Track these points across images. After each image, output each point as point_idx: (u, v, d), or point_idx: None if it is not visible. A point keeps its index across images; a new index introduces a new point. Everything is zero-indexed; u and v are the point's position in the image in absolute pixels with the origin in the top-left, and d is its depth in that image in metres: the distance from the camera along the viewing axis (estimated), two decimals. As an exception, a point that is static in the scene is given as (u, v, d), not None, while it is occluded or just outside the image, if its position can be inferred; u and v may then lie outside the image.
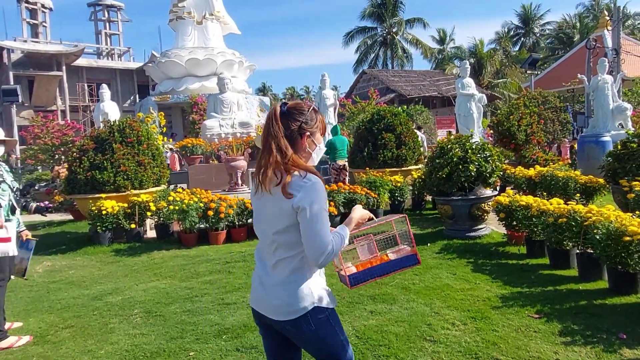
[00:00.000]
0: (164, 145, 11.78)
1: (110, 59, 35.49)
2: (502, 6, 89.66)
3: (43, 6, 31.16)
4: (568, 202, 4.82)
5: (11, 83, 22.16)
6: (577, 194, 6.75)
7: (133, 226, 6.97)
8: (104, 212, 6.76)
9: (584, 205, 4.70)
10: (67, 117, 24.45)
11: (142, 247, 6.69)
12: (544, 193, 6.69)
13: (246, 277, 4.96)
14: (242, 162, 10.68)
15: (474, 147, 6.32)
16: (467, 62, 12.16)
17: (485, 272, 4.75)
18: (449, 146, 6.47)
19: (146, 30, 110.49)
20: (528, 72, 18.66)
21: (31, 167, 13.48)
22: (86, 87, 28.53)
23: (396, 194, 8.32)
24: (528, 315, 3.62)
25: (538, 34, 42.56)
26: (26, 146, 13.92)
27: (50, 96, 26.62)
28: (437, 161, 6.43)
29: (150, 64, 19.76)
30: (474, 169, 6.07)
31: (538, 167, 8.35)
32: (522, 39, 42.32)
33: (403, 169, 9.00)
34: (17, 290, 4.95)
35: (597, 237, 3.99)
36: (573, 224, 4.45)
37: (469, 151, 6.23)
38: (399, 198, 8.36)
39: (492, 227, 6.47)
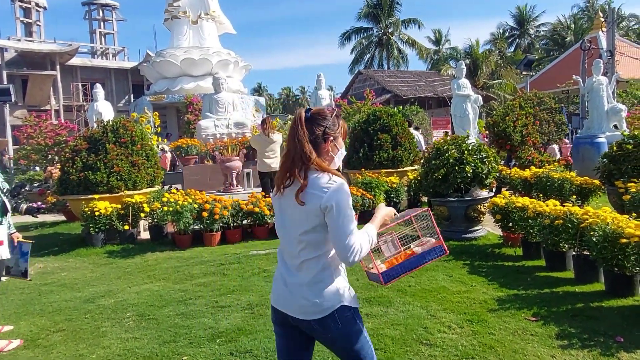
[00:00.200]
0: (158, 146, 11.69)
1: (104, 58, 35.32)
2: (497, 7, 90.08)
3: (37, 5, 30.96)
4: (564, 204, 4.81)
5: (4, 82, 22.00)
6: (572, 196, 6.77)
7: (126, 227, 6.89)
8: (97, 213, 6.68)
9: (580, 207, 4.69)
10: (61, 117, 24.27)
11: (135, 248, 6.63)
12: (540, 195, 6.68)
13: (241, 280, 4.92)
14: (237, 163, 10.64)
15: (470, 148, 6.30)
16: (463, 62, 12.14)
17: (481, 274, 4.72)
18: (445, 147, 6.45)
19: (141, 30, 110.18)
20: (523, 73, 18.70)
21: (24, 167, 13.35)
22: (80, 86, 28.37)
23: (392, 195, 8.29)
24: (525, 318, 3.60)
25: (533, 35, 42.74)
26: (19, 146, 13.80)
27: (44, 96, 26.44)
28: (433, 162, 6.41)
29: (145, 64, 19.68)
30: (470, 170, 6.05)
31: (533, 169, 8.35)
32: (517, 40, 42.48)
33: (399, 170, 8.98)
34: (8, 293, 4.88)
35: (594, 239, 3.98)
36: (569, 225, 4.44)
37: (465, 152, 6.21)
38: (394, 199, 8.33)
39: (488, 229, 6.45)
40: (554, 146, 12.79)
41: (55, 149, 12.06)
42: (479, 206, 6.15)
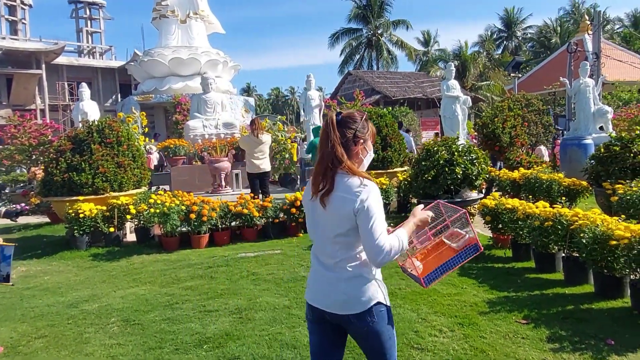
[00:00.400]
0: (145, 146, 11.53)
1: (91, 57, 34.83)
2: (485, 10, 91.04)
3: (22, 3, 30.43)
4: (554, 206, 4.81)
5: (-12, 81, 21.52)
6: (561, 197, 6.80)
7: (112, 230, 6.76)
8: (82, 215, 6.54)
9: (569, 208, 4.69)
10: (47, 117, 23.84)
11: (121, 251, 6.49)
12: (529, 196, 6.70)
13: (229, 283, 4.83)
14: (226, 164, 10.53)
15: (460, 149, 6.29)
16: (453, 64, 12.16)
17: (471, 276, 4.70)
18: (435, 148, 6.43)
19: (129, 29, 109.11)
20: (511, 74, 18.87)
21: (8, 168, 13.05)
22: (66, 85, 27.91)
23: (381, 197, 8.25)
24: (515, 320, 3.58)
25: (520, 38, 43.18)
26: (2, 146, 13.49)
27: (29, 95, 25.96)
28: (423, 163, 6.39)
29: (133, 63, 19.44)
30: (460, 172, 6.04)
31: (522, 170, 8.38)
32: (505, 42, 42.89)
33: (388, 171, 8.95)
34: (-13, 298, 4.74)
35: (584, 241, 3.97)
36: (559, 227, 4.44)
37: (456, 153, 6.20)
38: (384, 200, 8.30)
39: (478, 230, 6.43)
40: (541, 147, 12.90)
41: (40, 149, 11.82)
42: (469, 208, 6.13)
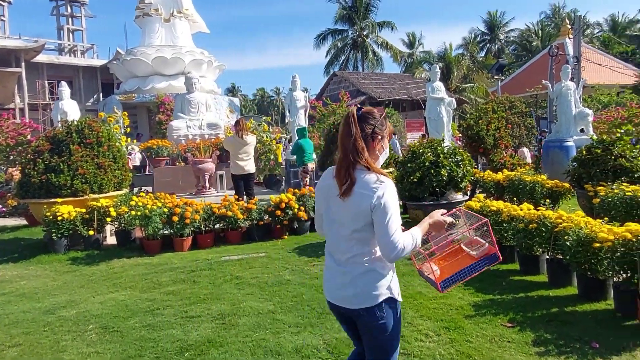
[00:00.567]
0: (127, 147, 11.31)
1: (72, 55, 34.15)
2: (469, 12, 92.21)
3: (0, -1, 29.70)
4: (538, 208, 4.83)
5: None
6: (544, 199, 6.86)
7: (91, 233, 6.58)
8: (60, 217, 6.35)
9: (552, 210, 4.72)
10: (26, 116, 23.31)
11: (101, 254, 6.33)
12: (514, 198, 6.74)
13: (212, 287, 4.73)
14: (210, 165, 10.39)
15: (445, 151, 6.30)
16: (438, 66, 12.22)
17: (457, 279, 4.68)
18: (420, 150, 6.43)
19: (111, 27, 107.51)
20: (495, 77, 19.08)
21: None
22: (47, 84, 27.32)
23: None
24: (501, 324, 3.57)
25: (503, 41, 43.78)
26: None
27: (7, 93, 25.34)
28: (409, 165, 6.38)
29: (115, 62, 19.11)
30: (446, 174, 6.05)
31: (506, 172, 8.45)
32: (488, 45, 43.46)
33: (374, 172, 8.92)
34: (-41, 305, 4.56)
35: (568, 243, 3.99)
36: (543, 229, 4.46)
37: (441, 155, 6.20)
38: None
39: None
40: (523, 149, 13.05)
41: (18, 150, 11.51)
42: (454, 210, 6.14)
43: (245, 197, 7.53)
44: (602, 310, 3.75)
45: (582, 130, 11.58)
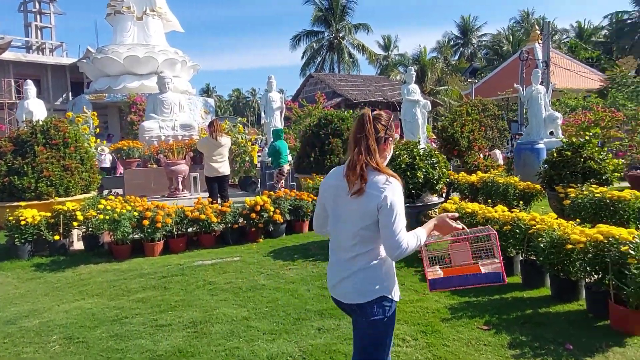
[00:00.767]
0: (97, 148, 10.96)
1: (41, 53, 33.01)
2: (443, 16, 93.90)
3: (-38, -6, 28.45)
4: (512, 210, 4.88)
5: None
6: (517, 200, 6.96)
7: (57, 238, 6.30)
8: (23, 222, 6.06)
9: (525, 212, 4.77)
10: (-11, 115, 22.38)
11: (67, 260, 6.06)
12: (488, 200, 6.81)
13: (184, 293, 4.59)
14: (183, 167, 10.17)
15: (421, 153, 6.30)
16: (413, 68, 12.31)
17: (433, 281, 4.68)
18: (396, 152, 6.42)
19: (81, 25, 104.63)
20: (468, 80, 19.41)
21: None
22: (13, 83, 26.29)
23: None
24: (477, 327, 3.56)
25: (476, 45, 44.69)
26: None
27: (-31, 92, 24.28)
28: (385, 167, 6.36)
29: (85, 60, 18.51)
30: (422, 176, 6.05)
31: (480, 173, 8.55)
32: (462, 49, 44.26)
33: (350, 174, 8.90)
34: None
35: (541, 245, 4.03)
36: (517, 231, 4.50)
37: (417, 158, 6.20)
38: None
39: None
40: (496, 151, 13.29)
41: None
42: (430, 212, 6.16)
43: (219, 200, 7.37)
44: (574, 311, 3.80)
45: (551, 133, 11.87)
